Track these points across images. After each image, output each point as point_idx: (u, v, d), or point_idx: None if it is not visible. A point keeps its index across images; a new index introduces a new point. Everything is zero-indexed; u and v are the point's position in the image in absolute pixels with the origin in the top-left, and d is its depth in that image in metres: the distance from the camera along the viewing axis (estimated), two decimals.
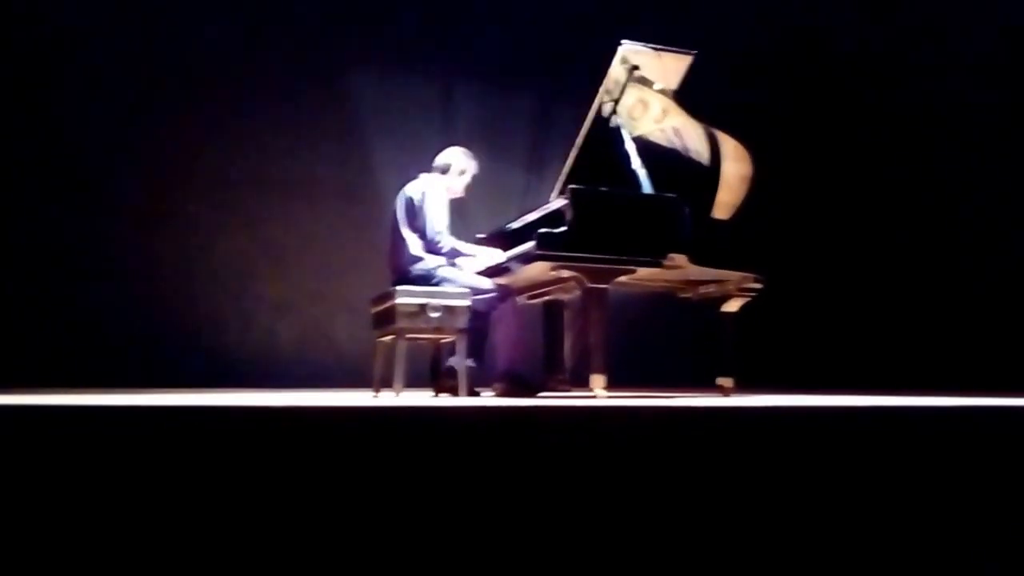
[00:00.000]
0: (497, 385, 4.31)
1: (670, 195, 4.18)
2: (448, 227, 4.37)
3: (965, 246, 6.34)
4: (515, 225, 4.72)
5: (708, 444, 2.21)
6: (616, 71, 4.42)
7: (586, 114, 4.56)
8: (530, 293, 4.78)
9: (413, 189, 4.43)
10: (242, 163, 6.51)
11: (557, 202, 4.28)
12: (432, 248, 4.33)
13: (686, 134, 4.68)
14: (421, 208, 4.34)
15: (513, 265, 4.29)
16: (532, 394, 4.27)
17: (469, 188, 4.67)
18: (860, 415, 2.60)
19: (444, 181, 4.51)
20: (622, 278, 4.12)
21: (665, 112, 4.65)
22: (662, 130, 4.72)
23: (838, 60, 7.62)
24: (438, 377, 4.49)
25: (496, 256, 4.41)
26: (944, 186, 6.54)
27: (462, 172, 4.56)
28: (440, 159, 4.59)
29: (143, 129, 6.28)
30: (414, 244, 4.34)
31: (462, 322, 4.11)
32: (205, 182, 6.42)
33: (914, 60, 6.87)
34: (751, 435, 2.26)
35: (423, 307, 4.06)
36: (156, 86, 6.34)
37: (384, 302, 4.23)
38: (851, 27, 7.50)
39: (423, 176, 4.52)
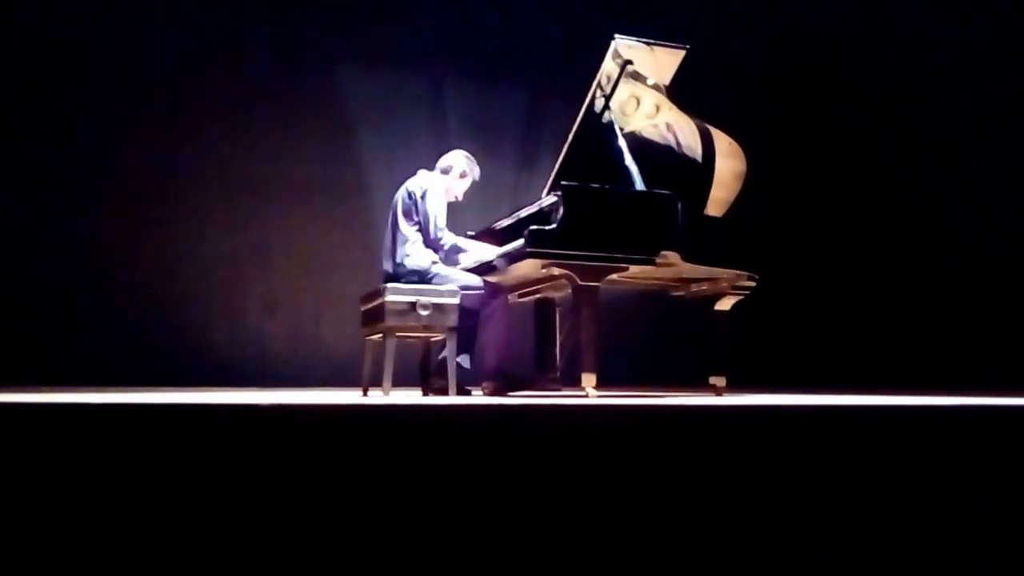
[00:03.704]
0: (487, 384, 4.28)
1: (663, 192, 4.15)
2: (445, 224, 4.37)
3: (958, 243, 6.33)
4: (506, 222, 4.69)
5: (700, 443, 2.20)
6: (609, 66, 4.38)
7: (578, 110, 4.53)
8: (521, 291, 4.76)
9: (413, 184, 4.41)
10: (229, 161, 6.48)
11: (548, 199, 4.25)
12: (433, 244, 4.32)
13: (679, 130, 4.66)
14: (422, 203, 4.32)
15: (503, 262, 4.25)
16: (522, 393, 4.23)
17: (467, 193, 4.65)
18: (853, 414, 2.57)
19: (445, 181, 4.49)
20: (614, 276, 4.08)
21: (658, 107, 4.63)
22: (655, 126, 4.70)
23: (832, 57, 7.62)
24: (427, 376, 4.46)
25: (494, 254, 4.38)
26: (938, 182, 6.54)
27: (463, 175, 4.57)
28: (443, 160, 4.60)
29: (130, 127, 6.24)
30: (411, 240, 4.30)
31: (452, 320, 4.08)
32: (192, 180, 6.38)
33: (907, 57, 6.86)
34: (743, 434, 2.25)
35: (412, 305, 4.02)
36: (143, 84, 6.30)
37: (373, 300, 4.19)
38: (844, 23, 7.49)
39: (423, 172, 4.49)
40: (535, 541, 1.95)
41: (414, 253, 4.28)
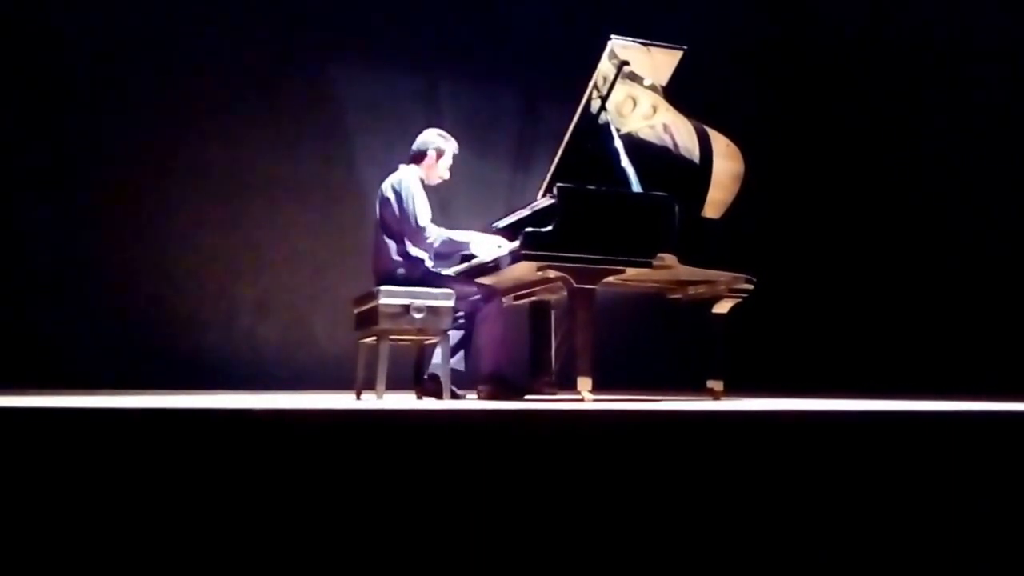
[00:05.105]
0: (482, 388, 4.25)
1: (660, 193, 4.13)
2: (430, 217, 4.26)
3: (958, 246, 6.31)
4: (501, 224, 4.67)
5: (697, 448, 2.19)
6: (605, 66, 4.36)
7: (574, 110, 4.50)
8: (516, 294, 4.73)
9: (387, 186, 4.33)
10: (222, 161, 6.44)
11: (544, 200, 4.23)
12: (419, 243, 4.23)
13: (676, 131, 4.65)
14: (398, 203, 4.24)
15: (499, 264, 4.23)
16: (518, 397, 4.20)
17: (451, 169, 4.54)
18: (853, 419, 2.56)
19: (420, 169, 4.41)
20: (610, 278, 4.07)
21: (655, 108, 4.61)
22: (652, 127, 4.68)
23: (831, 56, 7.60)
24: (421, 379, 4.42)
25: (490, 243, 4.32)
26: (936, 185, 6.52)
27: (439, 154, 4.44)
28: (414, 146, 4.48)
29: (121, 126, 6.20)
30: (394, 249, 4.25)
31: (446, 323, 4.04)
32: (185, 180, 6.35)
33: (905, 58, 6.85)
34: (741, 439, 2.24)
35: (406, 308, 3.98)
36: (135, 82, 6.26)
37: (367, 302, 4.16)
38: (844, 23, 7.48)
39: (400, 167, 4.43)
40: (531, 547, 1.94)
41: (402, 263, 4.23)
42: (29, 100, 6.01)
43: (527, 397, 4.35)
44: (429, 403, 3.89)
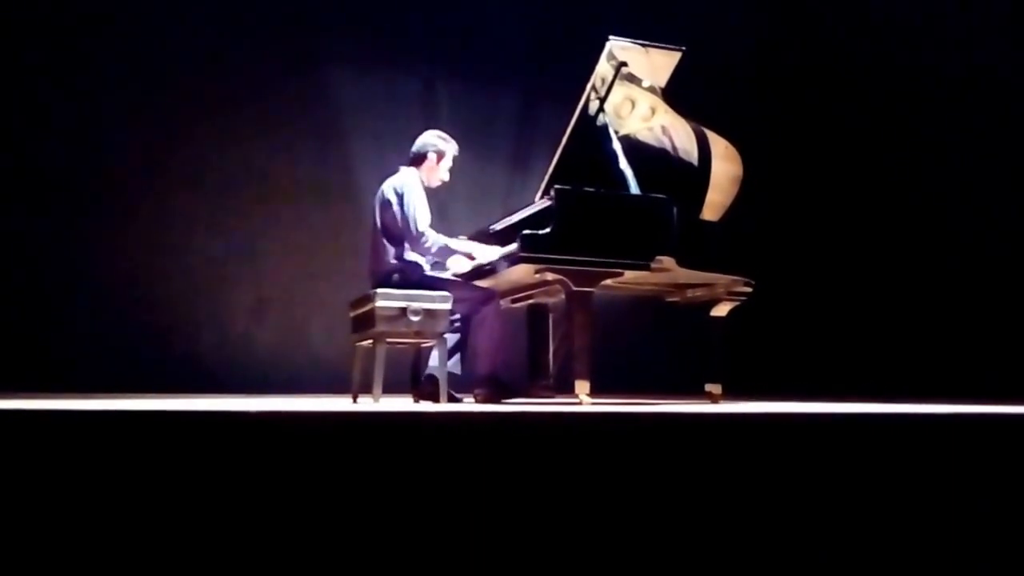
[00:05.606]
0: (479, 391, 4.23)
1: (658, 196, 4.11)
2: (429, 222, 4.26)
3: (957, 249, 6.30)
4: (499, 226, 4.65)
5: (696, 452, 2.19)
6: (603, 68, 4.35)
7: (572, 112, 4.49)
8: (513, 296, 4.72)
9: (388, 188, 4.32)
10: (217, 162, 6.43)
11: (542, 202, 4.21)
12: (417, 248, 4.22)
13: (675, 133, 4.63)
14: (398, 206, 4.22)
15: (496, 267, 4.21)
16: (515, 400, 4.18)
17: (451, 171, 4.54)
18: (852, 422, 2.55)
19: (421, 172, 4.40)
20: (608, 281, 4.05)
21: (653, 110, 4.59)
22: (650, 129, 4.66)
23: (831, 57, 7.60)
24: (418, 382, 4.40)
25: (491, 253, 4.30)
26: (936, 185, 6.51)
27: (440, 156, 4.44)
28: (414, 147, 4.48)
29: (116, 127, 6.19)
30: (392, 248, 4.23)
31: (442, 326, 4.03)
32: (179, 181, 6.33)
33: (907, 56, 6.84)
34: (740, 443, 2.24)
35: (403, 310, 3.97)
36: (129, 84, 6.25)
37: (363, 305, 4.15)
38: (842, 23, 7.48)
39: (402, 169, 4.41)
40: (528, 549, 1.94)
41: (399, 266, 4.21)
42: (25, 101, 6.00)
43: (524, 400, 4.34)
44: (426, 406, 3.88)
